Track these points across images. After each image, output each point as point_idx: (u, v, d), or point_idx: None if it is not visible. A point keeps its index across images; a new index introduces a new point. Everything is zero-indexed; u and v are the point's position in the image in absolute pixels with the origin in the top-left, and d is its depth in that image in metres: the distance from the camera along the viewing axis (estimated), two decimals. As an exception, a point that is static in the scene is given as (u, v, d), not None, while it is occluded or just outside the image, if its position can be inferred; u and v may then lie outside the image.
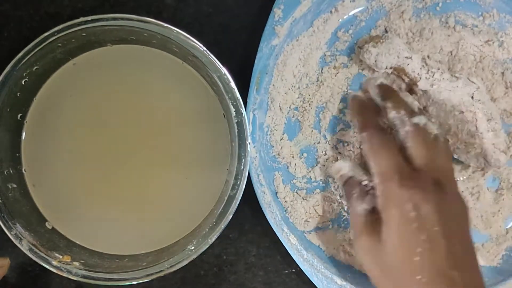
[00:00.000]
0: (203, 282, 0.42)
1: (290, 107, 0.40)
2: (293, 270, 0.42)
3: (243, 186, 0.35)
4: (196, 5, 0.41)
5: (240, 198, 0.35)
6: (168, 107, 0.38)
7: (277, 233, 0.38)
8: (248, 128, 0.37)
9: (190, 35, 0.34)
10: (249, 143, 0.35)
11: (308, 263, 0.39)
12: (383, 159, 0.33)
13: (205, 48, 0.34)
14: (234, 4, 0.41)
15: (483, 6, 0.40)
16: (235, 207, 0.35)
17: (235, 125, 0.35)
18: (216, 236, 0.35)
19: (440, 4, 0.40)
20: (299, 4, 0.38)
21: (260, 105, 0.39)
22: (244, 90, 0.38)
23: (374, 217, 0.33)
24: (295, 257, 0.39)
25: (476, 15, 0.40)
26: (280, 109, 0.40)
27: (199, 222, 0.38)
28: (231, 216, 0.35)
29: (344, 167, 0.37)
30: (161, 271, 0.34)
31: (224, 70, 0.34)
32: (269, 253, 0.42)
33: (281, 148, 0.40)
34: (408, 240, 0.30)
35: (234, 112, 0.35)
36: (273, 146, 0.40)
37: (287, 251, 0.39)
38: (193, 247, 0.35)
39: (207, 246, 0.35)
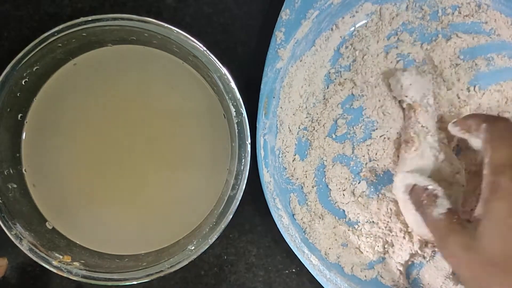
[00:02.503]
0: (204, 282, 0.42)
1: (299, 128, 0.40)
2: (294, 270, 0.42)
3: (243, 186, 0.35)
4: (196, 5, 0.41)
5: (240, 198, 0.35)
6: (168, 107, 0.38)
7: (298, 256, 0.38)
8: (260, 153, 0.37)
9: (190, 35, 0.34)
10: (249, 143, 0.35)
11: (332, 283, 0.39)
12: (500, 151, 0.31)
13: (205, 48, 0.34)
14: (234, 4, 0.41)
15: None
16: (235, 207, 0.35)
17: (235, 125, 0.35)
18: (216, 236, 0.35)
19: (440, 12, 0.40)
20: (300, 26, 0.38)
21: (270, 129, 0.39)
22: (245, 91, 0.38)
23: (453, 218, 0.32)
24: (318, 278, 0.39)
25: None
26: (290, 130, 0.40)
27: (199, 222, 0.38)
28: (231, 216, 0.35)
29: (405, 177, 0.36)
30: (161, 271, 0.34)
31: (224, 70, 0.34)
32: (269, 253, 0.42)
33: (294, 169, 0.40)
34: (509, 235, 0.28)
35: (234, 112, 0.35)
36: (286, 168, 0.40)
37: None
38: (193, 247, 0.35)
39: (207, 246, 0.34)
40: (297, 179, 0.40)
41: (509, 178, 0.29)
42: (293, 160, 0.40)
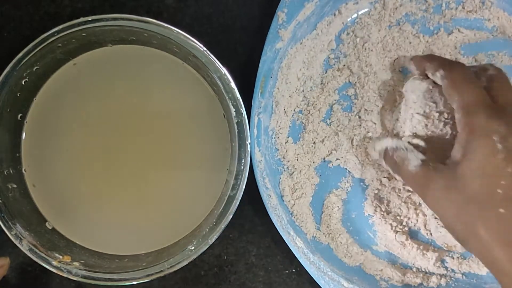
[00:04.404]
0: (204, 282, 0.42)
1: (294, 110, 0.40)
2: (294, 270, 0.42)
3: (243, 186, 0.35)
4: (197, 5, 0.41)
5: (240, 198, 0.35)
6: (168, 107, 0.38)
7: (283, 237, 0.38)
8: (253, 132, 0.37)
9: (190, 35, 0.34)
10: (249, 143, 0.35)
11: (315, 266, 0.39)
12: (468, 92, 0.31)
13: (205, 49, 0.34)
14: (234, 4, 0.41)
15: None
16: (235, 207, 0.35)
17: (235, 125, 0.35)
18: (216, 236, 0.35)
19: (444, 6, 0.40)
20: (302, 8, 0.38)
21: (265, 108, 0.39)
22: (245, 91, 0.38)
23: (429, 166, 0.32)
24: (301, 260, 0.39)
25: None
26: (285, 112, 0.40)
27: (199, 222, 0.38)
28: (231, 216, 0.35)
29: (387, 141, 0.36)
30: (161, 271, 0.34)
31: (224, 70, 0.34)
32: (269, 253, 0.42)
33: (286, 151, 0.40)
34: (492, 172, 0.29)
35: (234, 112, 0.35)
36: (278, 150, 0.40)
37: (291, 252, 0.39)
38: (193, 247, 0.35)
39: (207, 246, 0.35)
40: (289, 161, 0.40)
41: (484, 116, 0.30)
42: (285, 142, 0.40)
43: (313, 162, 0.41)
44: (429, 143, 0.35)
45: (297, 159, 0.40)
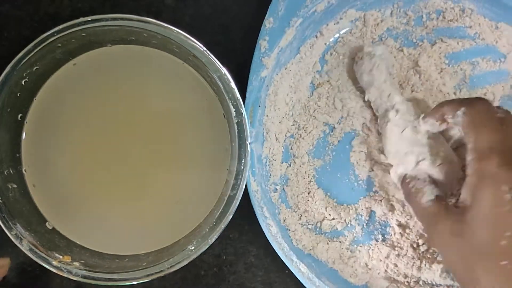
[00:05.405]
0: (203, 282, 0.42)
1: (286, 135, 0.41)
2: (293, 270, 0.42)
3: (243, 186, 0.35)
4: (196, 5, 0.41)
5: (240, 198, 0.35)
6: (168, 107, 0.38)
7: (287, 264, 0.38)
8: (248, 160, 0.37)
9: (190, 35, 0.34)
10: (249, 143, 0.35)
11: None
12: (484, 133, 0.30)
13: (205, 48, 0.34)
14: (234, 4, 0.41)
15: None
16: (235, 207, 0.35)
17: (235, 125, 0.35)
18: (216, 236, 0.35)
19: (424, 17, 0.40)
20: (283, 34, 0.38)
21: (257, 137, 0.39)
22: (245, 91, 0.38)
23: (441, 204, 0.32)
24: (307, 285, 0.39)
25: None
26: (276, 138, 0.40)
27: (199, 222, 0.38)
28: (231, 216, 0.35)
29: (408, 168, 0.35)
30: (161, 271, 0.34)
31: (224, 70, 0.34)
32: (269, 253, 0.42)
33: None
34: (497, 223, 0.28)
35: (234, 112, 0.35)
36: (272, 176, 0.40)
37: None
38: (193, 247, 0.35)
39: (207, 246, 0.35)
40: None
41: (496, 164, 0.29)
42: (280, 168, 0.40)
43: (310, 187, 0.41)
44: (447, 178, 0.35)
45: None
